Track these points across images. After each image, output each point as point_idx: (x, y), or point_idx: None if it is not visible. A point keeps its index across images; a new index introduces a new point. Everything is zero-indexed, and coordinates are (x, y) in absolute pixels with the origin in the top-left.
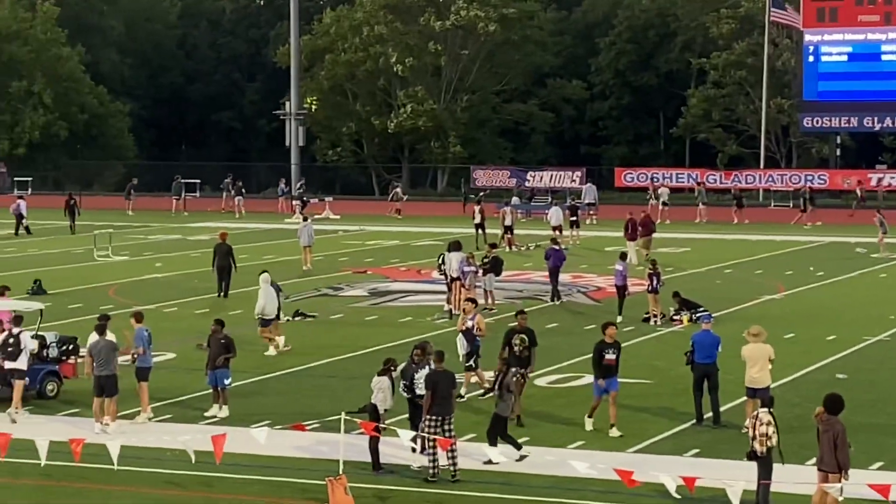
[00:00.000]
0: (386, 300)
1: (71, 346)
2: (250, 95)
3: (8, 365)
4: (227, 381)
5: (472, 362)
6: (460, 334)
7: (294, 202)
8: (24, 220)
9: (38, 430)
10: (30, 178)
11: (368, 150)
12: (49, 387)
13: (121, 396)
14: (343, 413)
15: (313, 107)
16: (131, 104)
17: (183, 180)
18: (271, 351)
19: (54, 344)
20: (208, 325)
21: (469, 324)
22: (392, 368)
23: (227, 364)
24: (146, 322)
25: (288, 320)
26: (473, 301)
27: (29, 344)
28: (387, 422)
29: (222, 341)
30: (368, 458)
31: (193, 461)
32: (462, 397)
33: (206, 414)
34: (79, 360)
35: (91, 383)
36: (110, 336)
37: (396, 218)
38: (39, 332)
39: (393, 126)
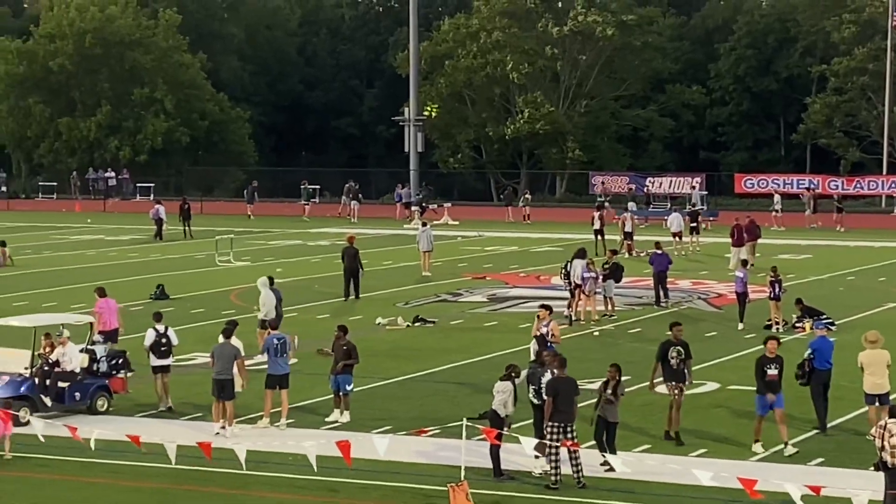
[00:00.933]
0: (505, 306)
1: (120, 361)
2: (369, 102)
3: (160, 362)
4: (349, 387)
5: None
6: (533, 340)
7: (413, 208)
8: (164, 225)
9: (163, 433)
10: (152, 184)
11: (487, 156)
12: (99, 402)
13: (246, 402)
14: (464, 419)
15: (433, 113)
16: (251, 111)
17: (310, 186)
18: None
19: (104, 358)
20: (329, 330)
21: (543, 330)
22: (514, 374)
23: (348, 370)
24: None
25: (408, 326)
26: (548, 308)
27: (176, 340)
28: (511, 428)
29: (344, 347)
30: (490, 464)
31: (315, 469)
32: None
33: (326, 419)
34: (128, 375)
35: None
36: (236, 342)
37: (525, 223)
38: (89, 347)
39: (511, 132)
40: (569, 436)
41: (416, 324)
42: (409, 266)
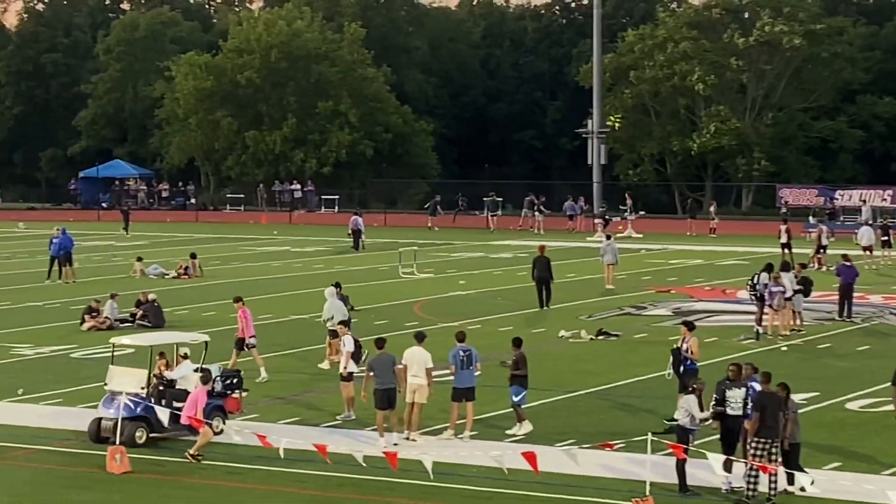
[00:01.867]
0: (690, 320)
1: (235, 380)
2: (552, 114)
3: (350, 367)
4: (515, 398)
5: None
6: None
7: (595, 220)
8: (362, 236)
9: (350, 443)
10: (336, 196)
11: (671, 169)
12: (214, 422)
13: (429, 413)
14: (649, 433)
15: (617, 124)
16: (435, 123)
17: (497, 198)
18: (325, 364)
19: (219, 378)
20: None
21: (683, 346)
22: (695, 387)
23: (515, 381)
24: (468, 341)
25: (591, 339)
26: (689, 325)
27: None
28: (696, 442)
29: (514, 358)
30: (675, 480)
31: (506, 471)
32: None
33: (507, 432)
34: (243, 395)
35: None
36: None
37: (711, 236)
38: (203, 366)
39: (696, 147)
40: (772, 451)
41: (600, 337)
42: (593, 279)
